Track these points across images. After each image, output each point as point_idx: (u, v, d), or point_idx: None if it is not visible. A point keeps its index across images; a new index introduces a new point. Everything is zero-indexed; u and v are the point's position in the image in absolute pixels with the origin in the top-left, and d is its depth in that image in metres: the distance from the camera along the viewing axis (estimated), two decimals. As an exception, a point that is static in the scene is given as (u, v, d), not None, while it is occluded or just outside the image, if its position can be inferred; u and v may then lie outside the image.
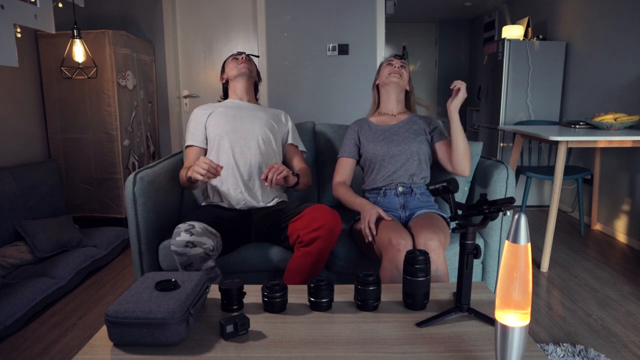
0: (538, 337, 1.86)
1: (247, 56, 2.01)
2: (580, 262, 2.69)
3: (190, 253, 1.47)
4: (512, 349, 0.87)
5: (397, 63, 1.89)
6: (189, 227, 1.52)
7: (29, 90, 2.99)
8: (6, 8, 2.27)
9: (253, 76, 2.02)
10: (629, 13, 3.03)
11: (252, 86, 2.04)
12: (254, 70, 2.02)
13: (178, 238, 1.48)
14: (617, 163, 3.16)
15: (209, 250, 1.51)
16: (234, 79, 1.98)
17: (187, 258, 1.48)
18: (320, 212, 1.59)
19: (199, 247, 1.48)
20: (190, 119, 1.95)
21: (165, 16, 3.76)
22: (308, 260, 1.59)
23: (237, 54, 2.01)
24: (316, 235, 1.56)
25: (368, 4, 3.75)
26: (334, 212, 1.61)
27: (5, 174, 2.53)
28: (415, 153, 1.81)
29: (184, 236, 1.48)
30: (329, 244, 1.59)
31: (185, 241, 1.47)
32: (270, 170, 1.63)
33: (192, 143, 1.89)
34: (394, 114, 1.92)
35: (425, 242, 1.47)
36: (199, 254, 1.48)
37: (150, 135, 3.69)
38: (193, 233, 1.50)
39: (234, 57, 2.00)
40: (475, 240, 1.12)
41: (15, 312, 1.89)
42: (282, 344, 1.02)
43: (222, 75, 2.06)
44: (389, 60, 1.93)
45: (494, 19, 5.64)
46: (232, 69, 1.97)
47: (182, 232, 1.50)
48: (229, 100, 2.01)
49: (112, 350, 1.01)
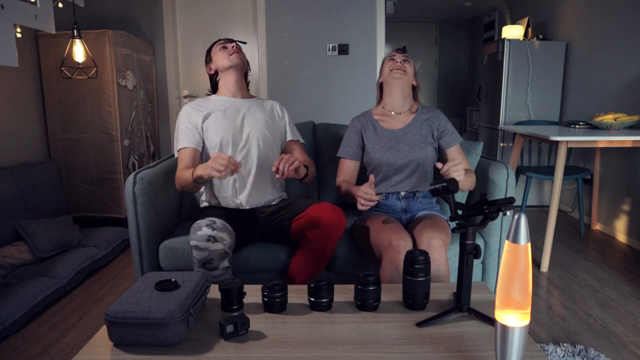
0: (538, 337, 1.86)
1: (237, 44, 1.84)
2: (580, 262, 2.69)
3: (212, 248, 1.44)
4: (512, 349, 0.87)
5: (400, 57, 1.78)
6: (210, 222, 1.50)
7: (29, 90, 2.99)
8: (6, 8, 2.27)
9: (245, 67, 1.87)
10: (629, 13, 3.03)
11: (244, 78, 1.90)
12: (245, 61, 1.86)
13: (199, 232, 1.46)
14: (617, 163, 3.16)
15: (227, 247, 1.49)
16: (225, 71, 1.82)
17: (208, 253, 1.44)
18: (324, 209, 1.59)
19: (220, 242, 1.46)
20: (180, 118, 1.79)
21: (165, 16, 3.76)
22: (312, 257, 1.59)
23: (225, 41, 1.84)
24: (321, 233, 1.56)
25: (368, 4, 3.75)
26: (337, 209, 1.60)
27: (5, 174, 2.53)
28: (422, 164, 1.74)
29: (205, 230, 1.46)
30: (333, 241, 1.59)
31: (207, 235, 1.45)
32: (280, 162, 1.54)
33: (187, 145, 1.74)
34: (398, 112, 1.82)
35: (428, 241, 1.47)
36: (219, 250, 1.46)
37: (150, 135, 3.69)
38: (215, 228, 1.48)
39: (222, 44, 1.83)
40: (475, 240, 1.12)
41: (15, 312, 1.89)
42: (282, 344, 1.02)
43: (209, 65, 1.88)
44: (390, 55, 1.82)
45: (494, 19, 5.64)
46: (223, 59, 1.80)
47: (203, 227, 1.47)
48: (222, 98, 1.85)
49: (112, 350, 1.01)
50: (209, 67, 1.88)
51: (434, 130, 1.80)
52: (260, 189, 1.81)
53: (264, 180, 1.81)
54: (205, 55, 1.91)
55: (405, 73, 1.76)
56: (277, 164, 1.53)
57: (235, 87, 1.85)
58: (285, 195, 1.93)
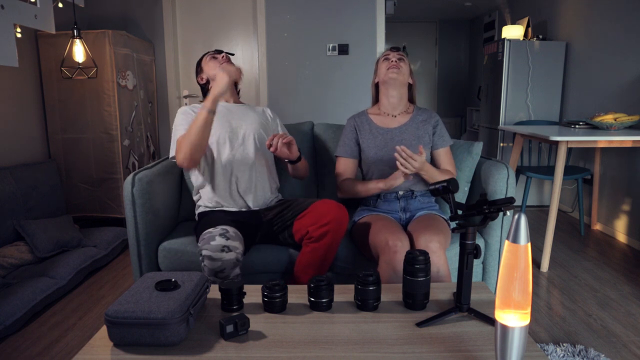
0: (538, 337, 1.86)
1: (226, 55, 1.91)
2: (580, 262, 2.69)
3: (225, 258, 1.43)
4: (512, 349, 0.87)
5: (394, 56, 1.77)
6: (223, 231, 1.48)
7: (29, 90, 2.99)
8: (6, 8, 2.27)
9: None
10: (629, 13, 3.03)
11: (235, 85, 1.97)
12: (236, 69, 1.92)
13: (213, 242, 1.45)
14: (617, 163, 3.16)
15: (240, 255, 1.48)
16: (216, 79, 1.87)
17: (221, 263, 1.43)
18: (328, 207, 1.59)
19: (233, 251, 1.45)
20: (177, 114, 1.81)
21: (165, 16, 3.76)
22: (317, 255, 1.59)
23: (215, 52, 1.91)
24: (326, 230, 1.56)
25: (368, 4, 3.75)
26: (340, 206, 1.61)
27: (5, 174, 2.53)
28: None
29: (219, 240, 1.45)
30: (338, 238, 1.60)
31: (221, 245, 1.44)
32: (275, 137, 1.60)
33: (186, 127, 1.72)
34: (394, 114, 1.83)
35: (425, 244, 1.47)
36: (232, 260, 1.45)
37: (150, 135, 3.69)
38: (228, 237, 1.47)
39: (212, 55, 1.90)
40: (475, 240, 1.12)
41: (15, 312, 1.89)
42: (282, 344, 1.02)
43: (200, 75, 1.94)
44: (385, 54, 1.80)
45: (494, 19, 5.64)
46: (214, 68, 1.86)
47: (217, 236, 1.46)
48: None
49: (112, 350, 1.01)
50: (200, 77, 1.95)
51: (428, 128, 1.81)
52: (260, 186, 1.81)
53: (263, 178, 1.82)
54: (196, 66, 1.98)
55: (401, 71, 1.75)
56: (271, 139, 1.60)
57: (227, 94, 1.90)
58: (280, 196, 1.93)
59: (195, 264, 1.72)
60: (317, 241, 1.58)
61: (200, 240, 1.53)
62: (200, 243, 1.51)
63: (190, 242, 1.76)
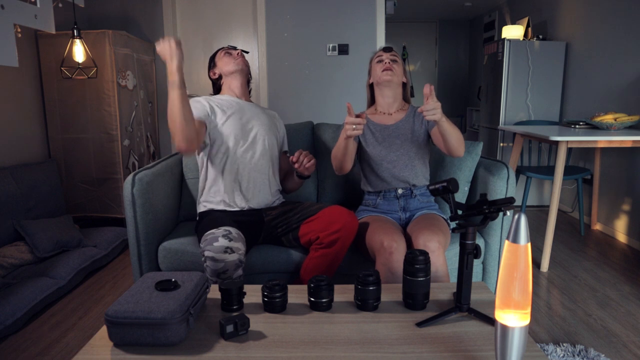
0: (538, 337, 1.86)
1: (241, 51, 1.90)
2: (580, 262, 2.69)
3: (228, 259, 1.43)
4: (512, 349, 0.87)
5: (387, 58, 1.79)
6: (226, 232, 1.48)
7: (29, 90, 2.99)
8: (6, 8, 2.27)
9: (248, 73, 1.92)
10: (629, 13, 3.03)
11: (247, 84, 1.94)
12: (248, 67, 1.93)
13: (216, 244, 1.44)
14: (617, 163, 3.16)
15: (242, 256, 1.48)
16: (230, 75, 1.87)
17: (224, 265, 1.43)
18: (339, 213, 1.60)
19: (236, 252, 1.45)
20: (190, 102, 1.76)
21: (165, 16, 3.76)
22: (326, 260, 1.60)
23: (229, 48, 1.90)
24: (337, 237, 1.57)
25: (368, 4, 3.75)
26: (351, 213, 1.62)
27: (5, 174, 2.53)
28: (414, 157, 1.77)
29: (222, 241, 1.45)
30: (347, 245, 1.61)
31: (224, 247, 1.44)
32: (301, 154, 1.67)
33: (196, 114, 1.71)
34: (390, 112, 1.85)
35: (424, 244, 1.47)
36: (235, 261, 1.44)
37: (150, 135, 3.69)
38: (231, 239, 1.47)
39: (226, 51, 1.88)
40: (475, 240, 1.12)
41: (15, 312, 1.89)
42: (282, 344, 1.02)
43: (212, 70, 1.92)
44: (378, 56, 1.82)
45: (494, 19, 5.64)
46: (228, 63, 1.85)
47: (219, 238, 1.46)
48: (227, 96, 1.87)
49: (112, 350, 1.01)
50: (213, 71, 1.93)
51: (425, 122, 1.80)
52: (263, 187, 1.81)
53: (266, 179, 1.82)
54: (209, 61, 1.96)
55: (395, 73, 1.77)
56: (298, 155, 1.66)
57: (239, 90, 1.89)
58: (282, 198, 1.93)
59: (196, 264, 1.72)
60: (327, 247, 1.59)
61: (202, 241, 1.52)
62: (202, 244, 1.50)
63: (191, 242, 1.76)
